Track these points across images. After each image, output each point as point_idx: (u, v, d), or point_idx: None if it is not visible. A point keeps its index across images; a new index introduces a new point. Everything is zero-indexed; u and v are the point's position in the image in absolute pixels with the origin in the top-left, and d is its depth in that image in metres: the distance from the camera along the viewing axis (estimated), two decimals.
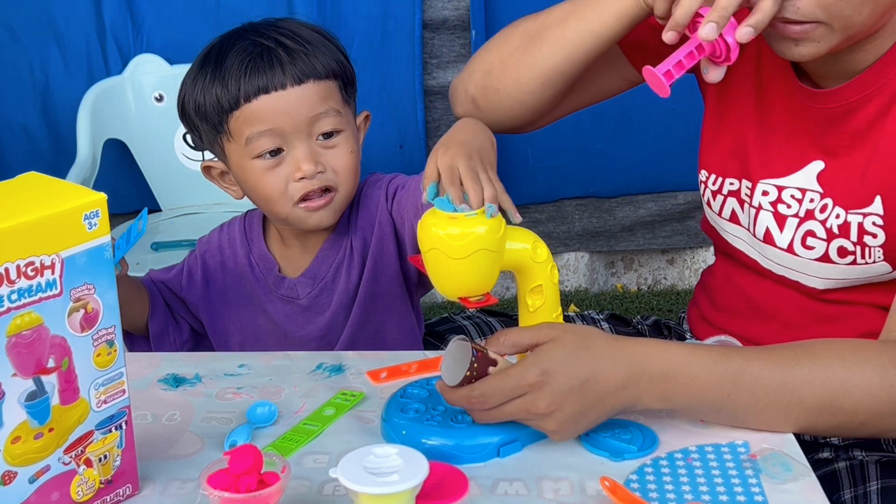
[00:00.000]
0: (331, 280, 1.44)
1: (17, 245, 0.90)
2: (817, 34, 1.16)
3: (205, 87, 1.35)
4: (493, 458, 1.09)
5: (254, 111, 1.33)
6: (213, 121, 1.36)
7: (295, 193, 1.35)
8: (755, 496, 1.01)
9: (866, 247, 1.26)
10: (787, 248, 1.33)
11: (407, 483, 0.92)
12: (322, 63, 1.35)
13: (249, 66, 1.32)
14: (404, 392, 1.17)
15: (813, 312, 1.35)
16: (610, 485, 0.99)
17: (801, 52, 1.18)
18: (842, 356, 1.10)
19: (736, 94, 1.38)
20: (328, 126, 1.35)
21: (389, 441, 1.11)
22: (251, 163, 1.35)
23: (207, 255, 1.50)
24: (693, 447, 1.10)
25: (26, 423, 0.94)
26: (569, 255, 3.17)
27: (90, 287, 0.96)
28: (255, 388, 1.25)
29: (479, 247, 1.04)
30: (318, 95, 1.34)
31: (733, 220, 1.40)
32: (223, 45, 1.36)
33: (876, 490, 1.24)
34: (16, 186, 0.98)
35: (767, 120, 1.35)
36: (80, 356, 0.96)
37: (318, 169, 1.34)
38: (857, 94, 1.24)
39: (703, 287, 1.54)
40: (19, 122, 2.83)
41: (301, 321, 1.46)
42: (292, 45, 1.34)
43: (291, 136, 1.33)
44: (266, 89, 1.32)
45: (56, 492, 0.97)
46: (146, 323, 1.46)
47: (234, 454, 0.95)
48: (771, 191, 1.34)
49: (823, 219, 1.29)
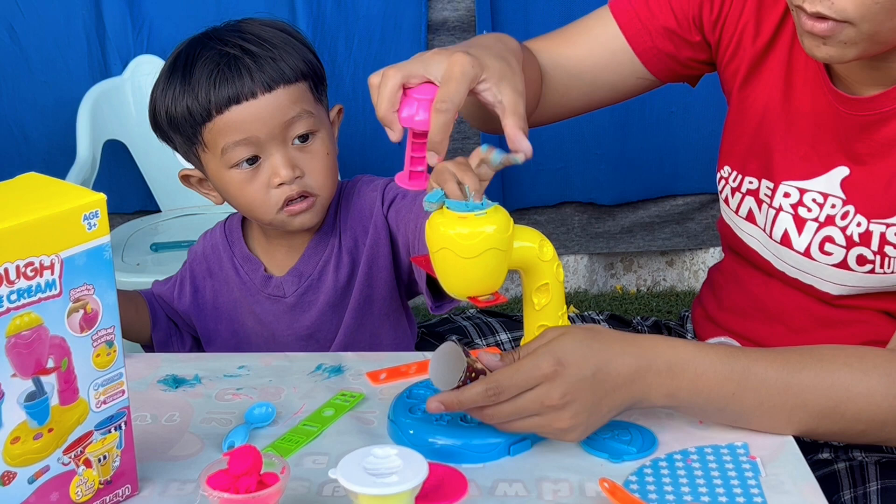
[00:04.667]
0: (317, 278, 1.44)
1: (17, 245, 0.90)
2: (844, 35, 1.14)
3: (175, 99, 1.35)
4: (504, 456, 1.09)
5: (226, 122, 1.32)
6: (186, 132, 1.36)
7: (276, 200, 1.35)
8: (754, 497, 1.01)
9: (886, 257, 1.25)
10: (805, 251, 1.32)
11: (406, 484, 0.92)
12: (290, 66, 1.34)
13: (217, 77, 1.32)
14: (410, 393, 1.17)
15: (820, 317, 1.35)
16: (609, 486, 0.99)
17: (827, 52, 1.16)
18: (848, 363, 1.10)
19: (762, 92, 1.36)
20: (302, 129, 1.35)
21: (398, 442, 1.11)
22: (229, 173, 1.35)
23: (194, 263, 1.51)
24: (692, 448, 1.10)
25: (25, 423, 0.94)
26: (568, 257, 3.17)
27: (89, 287, 0.96)
28: (254, 389, 1.25)
29: (488, 246, 1.04)
30: (289, 99, 1.34)
31: (750, 219, 1.39)
32: (189, 54, 1.35)
33: (875, 491, 1.24)
34: (15, 187, 0.98)
35: (794, 122, 1.33)
36: (80, 356, 0.96)
37: (296, 174, 1.34)
38: (890, 106, 1.23)
39: (709, 285, 1.53)
40: (19, 122, 2.84)
41: (288, 319, 1.46)
42: (258, 52, 1.33)
43: (267, 144, 1.33)
44: (237, 99, 1.32)
45: (55, 492, 0.97)
46: (150, 335, 1.48)
47: (233, 455, 0.95)
48: (793, 193, 1.33)
49: (844, 226, 1.28)
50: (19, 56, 2.78)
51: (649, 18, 1.41)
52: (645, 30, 1.42)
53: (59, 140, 2.77)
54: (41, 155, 2.83)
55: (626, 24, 1.42)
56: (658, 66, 1.44)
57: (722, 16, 1.38)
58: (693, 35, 1.41)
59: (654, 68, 1.44)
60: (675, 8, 1.40)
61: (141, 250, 2.48)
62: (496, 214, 1.05)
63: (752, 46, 1.36)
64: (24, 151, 2.85)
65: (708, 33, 1.40)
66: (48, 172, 1.01)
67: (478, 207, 1.05)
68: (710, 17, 1.39)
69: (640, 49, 1.43)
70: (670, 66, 1.44)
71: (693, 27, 1.40)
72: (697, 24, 1.40)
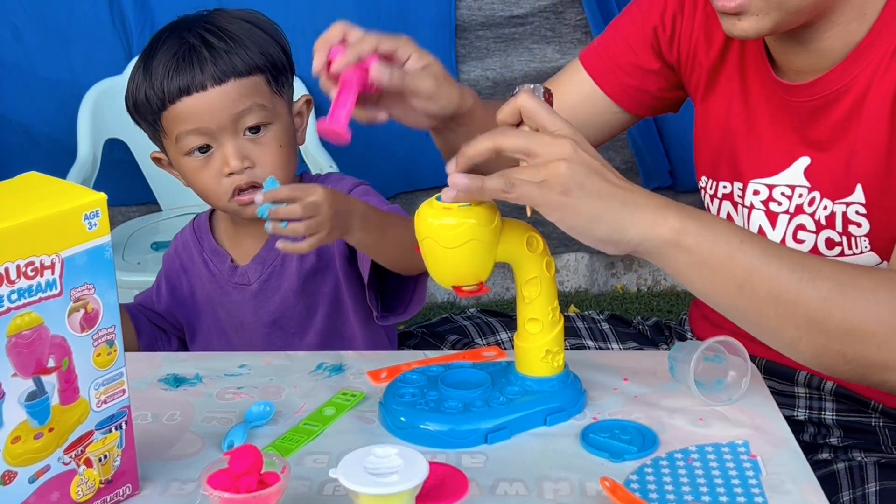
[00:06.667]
0: (280, 264, 1.46)
1: (17, 245, 0.90)
2: (754, 6, 1.17)
3: (138, 86, 1.39)
4: (481, 444, 1.11)
5: (179, 112, 1.36)
6: (148, 119, 1.40)
7: (226, 189, 1.37)
8: (755, 497, 1.01)
9: (852, 236, 1.26)
10: (780, 244, 1.33)
11: (407, 483, 0.92)
12: (244, 60, 1.36)
13: (172, 68, 1.35)
14: (404, 377, 1.20)
15: None
16: (610, 485, 0.99)
17: (744, 27, 1.19)
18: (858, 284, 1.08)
19: (723, 96, 1.39)
20: (253, 121, 1.37)
21: (384, 425, 1.15)
22: (184, 159, 1.39)
23: (168, 263, 1.55)
24: (693, 447, 1.10)
25: (26, 422, 0.94)
26: (569, 256, 3.17)
27: (90, 287, 0.96)
28: (255, 388, 1.25)
29: (470, 237, 1.06)
30: (240, 93, 1.36)
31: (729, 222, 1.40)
32: (156, 41, 1.39)
33: (875, 492, 1.24)
34: (16, 186, 0.98)
35: (754, 120, 1.36)
36: (80, 356, 0.96)
37: (246, 164, 1.36)
38: (833, 87, 1.25)
39: None
40: (20, 121, 2.84)
41: (253, 306, 1.48)
42: (216, 43, 1.36)
43: (218, 134, 1.36)
44: (188, 90, 1.35)
45: (56, 492, 0.97)
46: (137, 345, 1.51)
47: (234, 454, 0.95)
48: (762, 190, 1.35)
49: (812, 211, 1.30)
50: (22, 54, 2.78)
51: (612, 59, 1.47)
52: (610, 70, 1.47)
53: (59, 139, 2.77)
54: (42, 154, 2.83)
55: (594, 69, 1.48)
56: (631, 102, 1.48)
57: (676, 34, 1.42)
58: (652, 63, 1.45)
59: (627, 105, 1.49)
60: (632, 43, 1.45)
61: (141, 249, 2.48)
62: (482, 207, 1.06)
63: (706, 58, 1.40)
64: (25, 150, 2.85)
65: (666, 54, 1.44)
66: (51, 170, 1.01)
67: None
68: (665, 36, 1.43)
69: (610, 89, 1.47)
70: (643, 99, 1.49)
71: (652, 54, 1.45)
72: (655, 49, 1.45)
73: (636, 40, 1.45)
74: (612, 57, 1.47)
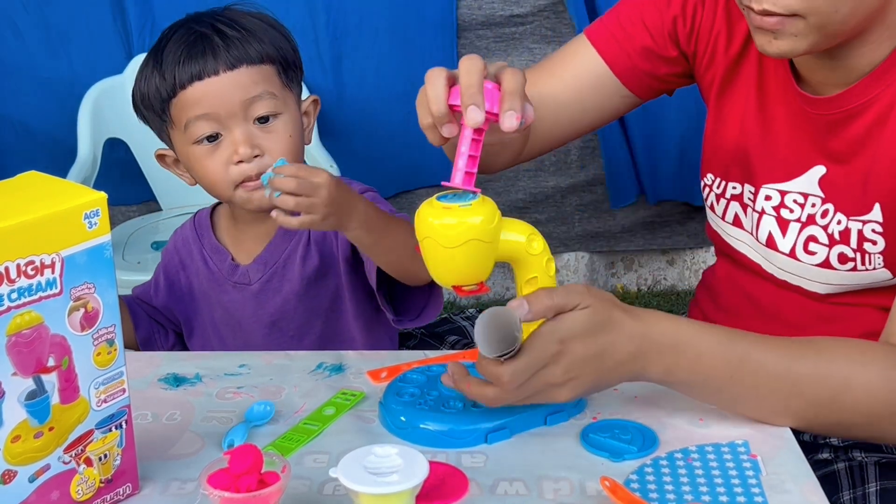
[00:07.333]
0: (282, 265, 1.46)
1: (18, 244, 0.90)
2: (794, 28, 1.16)
3: (146, 79, 1.38)
4: (481, 443, 1.11)
5: (189, 97, 1.35)
6: (156, 110, 1.39)
7: (234, 177, 1.36)
8: (755, 496, 1.01)
9: (866, 253, 1.26)
10: (790, 252, 1.33)
11: (407, 483, 0.92)
12: (256, 48, 1.36)
13: (184, 54, 1.35)
14: (404, 377, 1.20)
15: (815, 312, 1.35)
16: (610, 485, 0.99)
17: (779, 46, 1.18)
18: (848, 355, 1.11)
19: (738, 99, 1.38)
20: (263, 109, 1.36)
21: (384, 424, 1.15)
22: (192, 148, 1.38)
23: (167, 258, 1.54)
24: (693, 447, 1.10)
25: (26, 422, 0.94)
26: (569, 256, 3.17)
27: (90, 286, 0.96)
28: (255, 387, 1.25)
29: (471, 237, 1.05)
30: (252, 79, 1.35)
31: (737, 224, 1.40)
32: (165, 36, 1.39)
33: (875, 491, 1.24)
34: (16, 185, 0.98)
35: (770, 125, 1.35)
36: (81, 355, 0.96)
37: (255, 153, 1.35)
38: (855, 102, 1.24)
39: (704, 287, 1.54)
40: (20, 120, 2.84)
41: (253, 306, 1.48)
42: (228, 32, 1.36)
43: (227, 121, 1.35)
44: (199, 76, 1.34)
45: (56, 491, 0.97)
46: (134, 339, 1.50)
47: (234, 454, 0.95)
48: (774, 195, 1.34)
49: (825, 224, 1.29)
50: (23, 53, 2.78)
51: (626, 40, 1.44)
52: (623, 52, 1.44)
53: (59, 138, 2.77)
54: (42, 153, 2.83)
55: (605, 49, 1.45)
56: (639, 85, 1.46)
57: (695, 28, 1.40)
58: (670, 50, 1.43)
59: (635, 88, 1.46)
60: (650, 27, 1.42)
61: (142, 249, 2.48)
62: (482, 206, 1.06)
63: (725, 55, 1.38)
64: (25, 149, 2.85)
65: (684, 45, 1.43)
66: (51, 170, 1.01)
67: (465, 199, 1.06)
68: (684, 29, 1.41)
69: (621, 70, 1.45)
70: (649, 83, 1.47)
71: (669, 42, 1.43)
72: (673, 39, 1.43)
73: (655, 25, 1.42)
74: (627, 39, 1.43)
